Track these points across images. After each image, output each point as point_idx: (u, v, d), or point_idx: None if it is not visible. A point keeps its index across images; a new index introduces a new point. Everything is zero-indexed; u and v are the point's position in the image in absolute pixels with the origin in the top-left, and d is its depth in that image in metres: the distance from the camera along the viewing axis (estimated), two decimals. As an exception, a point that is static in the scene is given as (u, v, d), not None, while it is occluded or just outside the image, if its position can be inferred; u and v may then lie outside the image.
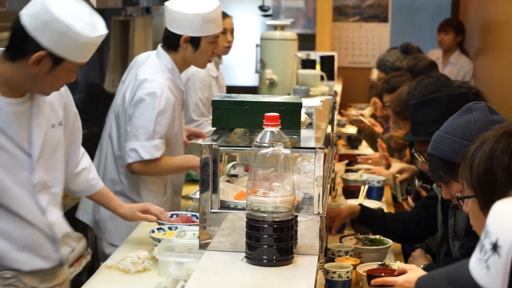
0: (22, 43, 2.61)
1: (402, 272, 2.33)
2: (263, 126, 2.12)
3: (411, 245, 3.65)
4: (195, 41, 3.69)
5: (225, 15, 5.31)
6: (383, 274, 2.62)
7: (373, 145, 5.22)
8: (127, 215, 3.21)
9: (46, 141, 2.79)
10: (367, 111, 6.63)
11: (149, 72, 3.71)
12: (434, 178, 2.69)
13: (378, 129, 5.75)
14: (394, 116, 4.82)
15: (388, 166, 4.69)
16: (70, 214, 4.11)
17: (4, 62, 2.67)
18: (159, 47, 3.78)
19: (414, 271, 2.35)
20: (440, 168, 2.61)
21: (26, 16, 2.61)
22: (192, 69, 5.10)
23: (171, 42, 3.72)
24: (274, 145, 2.10)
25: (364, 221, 3.39)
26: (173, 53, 3.74)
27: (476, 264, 1.28)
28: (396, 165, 4.39)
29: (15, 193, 2.71)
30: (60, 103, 2.88)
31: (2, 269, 2.72)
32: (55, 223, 2.83)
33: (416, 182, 4.24)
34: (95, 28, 2.66)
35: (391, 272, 2.56)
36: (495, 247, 1.23)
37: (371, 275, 2.68)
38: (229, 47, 5.34)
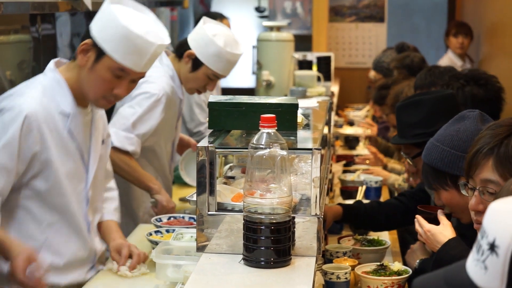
0: (83, 37, 2.64)
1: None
2: (260, 128, 2.12)
3: (394, 229, 3.66)
4: (196, 63, 3.67)
5: (222, 17, 5.32)
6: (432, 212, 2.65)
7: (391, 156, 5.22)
8: (110, 249, 2.94)
9: (99, 157, 2.79)
10: (364, 111, 6.64)
11: (151, 75, 3.69)
12: (425, 185, 2.70)
13: (375, 129, 5.75)
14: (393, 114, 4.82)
15: (384, 167, 4.69)
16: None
17: (72, 66, 2.68)
18: (164, 52, 3.76)
19: (444, 231, 2.48)
20: (429, 175, 2.63)
21: (94, 22, 2.63)
22: None
23: (180, 49, 3.73)
24: (271, 146, 2.09)
25: (349, 219, 3.37)
26: (177, 62, 3.74)
27: (473, 265, 1.27)
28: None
29: (73, 204, 2.67)
30: (104, 120, 2.87)
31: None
32: (96, 243, 2.82)
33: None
34: (148, 32, 2.59)
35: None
36: (492, 247, 1.23)
37: (421, 210, 2.70)
38: None
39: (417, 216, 2.61)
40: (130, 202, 3.83)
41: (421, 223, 2.57)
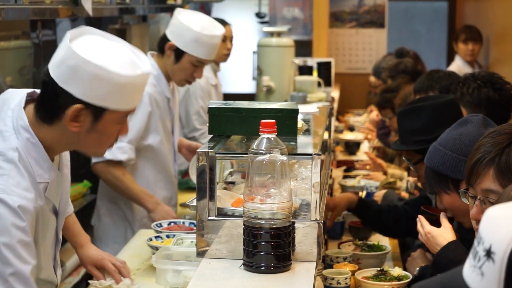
0: (54, 100, 2.22)
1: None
2: (260, 133, 2.12)
3: (400, 238, 3.66)
4: (178, 53, 3.69)
5: (224, 23, 5.33)
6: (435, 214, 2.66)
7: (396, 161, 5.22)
8: (82, 260, 2.80)
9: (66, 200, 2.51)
10: (364, 117, 6.64)
11: None
12: (427, 188, 2.70)
13: (374, 135, 5.76)
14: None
15: (384, 173, 4.69)
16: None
17: (41, 125, 2.26)
18: (148, 53, 3.80)
19: (445, 233, 2.49)
20: (431, 179, 2.63)
21: (53, 66, 2.21)
22: None
23: (160, 44, 3.76)
24: (271, 151, 2.09)
25: (359, 212, 3.43)
26: (161, 58, 3.75)
27: (470, 271, 1.27)
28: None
29: (46, 264, 2.40)
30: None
31: None
32: (58, 273, 2.55)
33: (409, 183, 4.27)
34: (135, 65, 2.25)
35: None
36: (488, 254, 1.22)
37: (424, 211, 2.71)
38: (228, 55, 5.38)
39: (420, 216, 2.62)
40: (126, 206, 3.83)
41: (422, 224, 2.57)
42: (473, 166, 2.19)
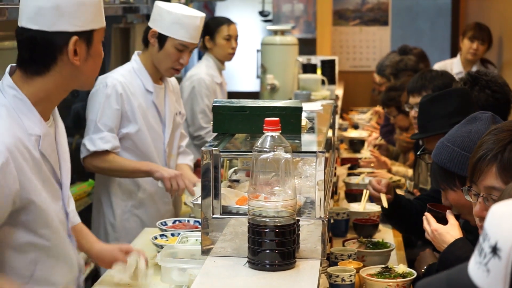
0: (47, 47, 2.33)
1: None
2: (264, 131, 2.13)
3: (419, 235, 3.64)
4: (161, 39, 3.71)
5: (230, 22, 5.35)
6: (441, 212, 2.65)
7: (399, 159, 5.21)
8: (104, 256, 2.79)
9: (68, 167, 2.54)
10: (367, 116, 6.64)
11: (110, 72, 3.77)
12: (433, 184, 2.70)
13: (377, 132, 5.76)
14: (389, 109, 4.85)
15: (389, 170, 4.69)
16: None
17: (33, 80, 2.35)
18: (135, 52, 3.83)
19: (451, 231, 2.47)
20: (438, 175, 2.63)
21: (30, 19, 2.33)
22: (197, 76, 5.14)
23: (145, 36, 3.78)
24: (275, 149, 2.10)
25: (396, 204, 3.32)
26: (146, 52, 3.78)
27: (476, 268, 1.27)
28: None
29: (56, 228, 2.43)
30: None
31: None
32: (80, 258, 2.62)
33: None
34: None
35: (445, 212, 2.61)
36: (494, 250, 1.22)
37: (430, 209, 2.70)
38: (233, 54, 5.39)
39: (426, 213, 2.61)
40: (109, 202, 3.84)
41: (429, 221, 2.57)
42: (475, 163, 2.19)
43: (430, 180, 3.56)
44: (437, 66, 6.33)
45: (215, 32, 5.30)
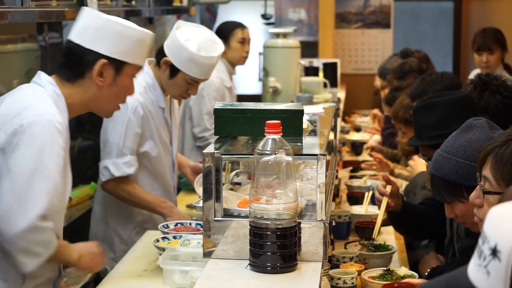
0: (79, 60, 2.60)
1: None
2: (265, 134, 2.13)
3: (421, 240, 3.63)
4: (173, 70, 3.64)
5: (243, 26, 5.39)
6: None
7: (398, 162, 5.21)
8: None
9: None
10: (369, 118, 6.64)
11: None
12: (437, 198, 2.67)
13: (379, 136, 5.75)
14: (399, 123, 4.84)
15: (391, 172, 4.69)
16: (75, 225, 4.13)
17: (64, 85, 2.63)
18: (146, 60, 3.76)
19: None
20: (442, 188, 2.58)
21: (76, 34, 2.61)
22: None
23: (158, 56, 3.71)
24: (276, 152, 2.10)
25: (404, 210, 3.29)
26: (157, 69, 3.73)
27: (475, 270, 1.27)
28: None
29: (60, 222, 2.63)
30: None
31: None
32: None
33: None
34: (142, 27, 2.70)
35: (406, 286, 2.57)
36: (494, 252, 1.22)
37: None
38: (246, 57, 5.42)
39: None
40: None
41: None
42: (482, 151, 2.21)
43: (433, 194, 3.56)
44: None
45: (229, 36, 5.32)
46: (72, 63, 2.62)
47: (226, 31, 5.37)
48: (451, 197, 2.56)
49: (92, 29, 2.61)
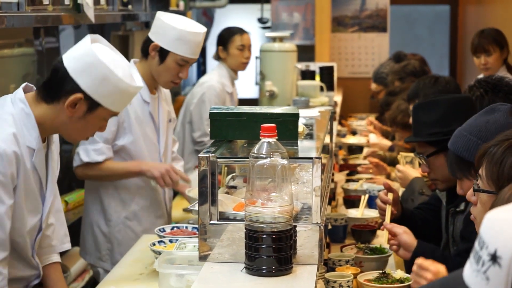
0: (60, 84, 2.59)
1: None
2: (260, 137, 2.14)
3: None
4: (163, 53, 3.68)
5: (243, 31, 5.41)
6: None
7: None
8: None
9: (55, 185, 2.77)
10: (366, 122, 6.65)
11: None
12: (450, 173, 2.71)
13: (378, 135, 5.76)
14: (396, 128, 4.85)
15: (387, 176, 4.70)
16: (72, 229, 4.13)
17: (39, 104, 2.63)
18: (132, 60, 3.80)
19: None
20: (454, 164, 2.64)
21: (69, 58, 2.60)
22: (208, 83, 5.16)
23: (144, 47, 3.75)
24: (271, 155, 2.11)
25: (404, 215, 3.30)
26: (144, 62, 3.75)
27: (473, 276, 1.25)
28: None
29: (25, 239, 2.65)
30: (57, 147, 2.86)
31: None
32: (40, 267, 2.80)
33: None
34: (133, 79, 2.69)
35: None
36: (494, 258, 1.21)
37: None
38: (246, 63, 5.44)
39: None
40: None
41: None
42: (481, 150, 2.23)
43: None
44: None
45: (228, 42, 5.36)
46: (53, 84, 2.61)
47: (224, 38, 5.40)
48: (460, 173, 2.62)
49: (82, 61, 2.58)
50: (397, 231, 2.81)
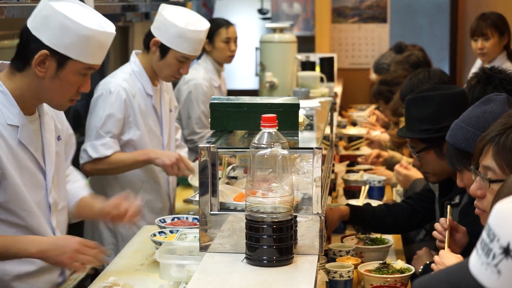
0: (26, 48, 2.48)
1: None
2: (261, 128, 2.13)
3: (403, 233, 3.65)
4: (163, 49, 3.68)
5: (228, 24, 5.31)
6: None
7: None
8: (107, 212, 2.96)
9: (55, 158, 2.69)
10: (366, 113, 6.65)
11: (110, 75, 3.77)
12: (449, 165, 2.71)
13: (378, 128, 5.76)
14: (397, 119, 4.86)
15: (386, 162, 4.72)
16: (75, 223, 4.12)
17: (14, 76, 2.53)
18: (133, 52, 3.81)
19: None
20: (453, 156, 2.63)
21: (30, 18, 2.51)
22: (194, 81, 5.10)
23: (146, 41, 3.75)
24: (272, 146, 2.11)
25: (355, 221, 3.36)
26: (146, 55, 3.75)
27: (482, 268, 1.23)
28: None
29: (35, 213, 2.59)
30: (57, 116, 2.81)
31: None
32: None
33: None
34: (100, 25, 2.52)
35: None
36: (507, 251, 1.19)
37: None
38: (232, 56, 5.32)
39: None
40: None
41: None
42: (479, 142, 2.23)
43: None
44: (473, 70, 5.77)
45: (213, 35, 5.19)
46: (20, 50, 2.50)
47: (210, 31, 5.30)
48: (460, 165, 2.62)
49: (40, 15, 2.47)
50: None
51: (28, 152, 2.56)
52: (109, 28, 2.56)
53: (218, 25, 5.25)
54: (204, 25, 3.72)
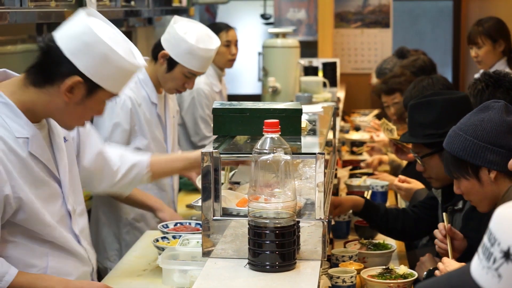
0: (54, 67, 2.36)
1: None
2: (263, 133, 2.13)
3: (409, 242, 3.65)
4: (171, 63, 3.66)
5: (228, 27, 5.29)
6: None
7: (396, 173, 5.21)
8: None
9: (67, 162, 2.60)
10: (369, 118, 6.65)
11: None
12: (446, 173, 2.71)
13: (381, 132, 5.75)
14: (402, 124, 4.85)
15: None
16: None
17: (28, 88, 2.40)
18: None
19: None
20: (450, 164, 2.63)
21: (63, 37, 2.36)
22: (196, 86, 5.09)
23: (154, 51, 3.73)
24: (275, 151, 2.11)
25: (366, 215, 3.38)
26: (152, 64, 3.74)
27: (483, 273, 1.24)
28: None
29: (55, 226, 2.50)
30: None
31: None
32: (89, 250, 2.68)
33: None
34: (133, 56, 2.46)
35: None
36: (508, 255, 1.20)
37: None
38: (233, 60, 5.31)
39: None
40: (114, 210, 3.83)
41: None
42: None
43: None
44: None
45: None
46: (45, 66, 2.37)
47: None
48: (457, 173, 2.62)
49: (80, 41, 2.35)
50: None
51: (40, 163, 2.45)
52: (140, 59, 2.50)
53: (217, 29, 5.24)
54: (215, 43, 3.69)
